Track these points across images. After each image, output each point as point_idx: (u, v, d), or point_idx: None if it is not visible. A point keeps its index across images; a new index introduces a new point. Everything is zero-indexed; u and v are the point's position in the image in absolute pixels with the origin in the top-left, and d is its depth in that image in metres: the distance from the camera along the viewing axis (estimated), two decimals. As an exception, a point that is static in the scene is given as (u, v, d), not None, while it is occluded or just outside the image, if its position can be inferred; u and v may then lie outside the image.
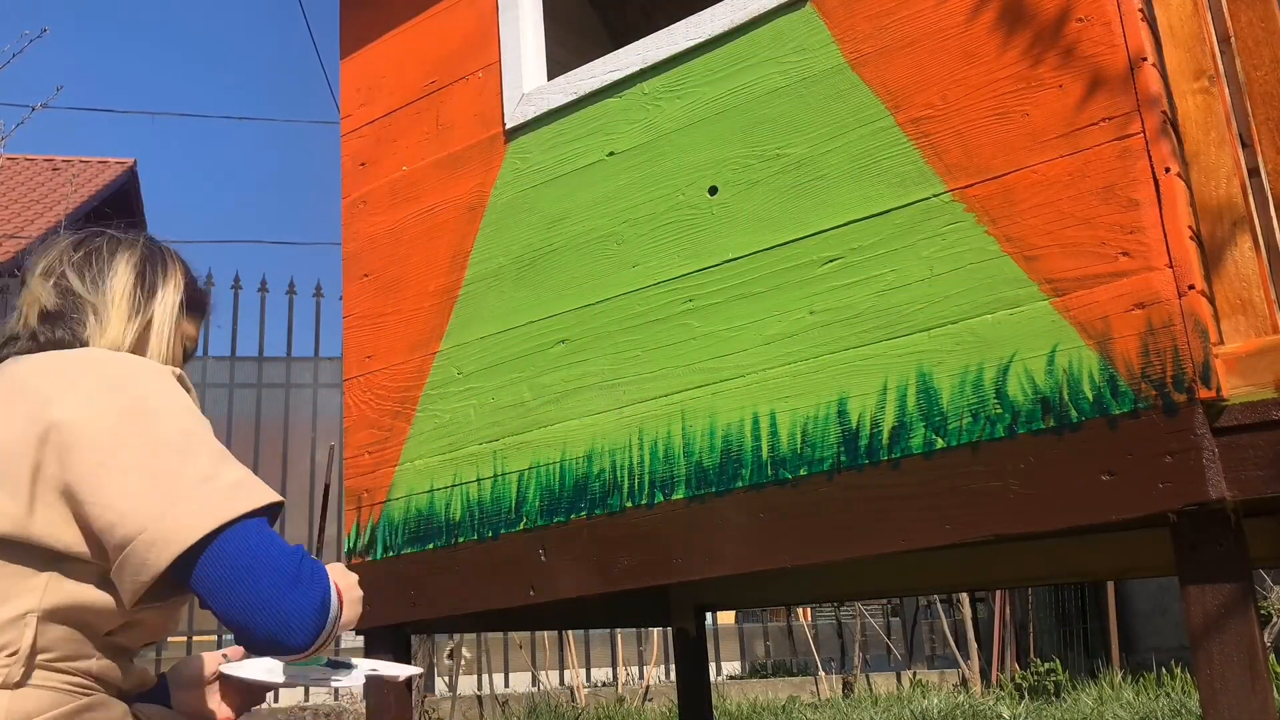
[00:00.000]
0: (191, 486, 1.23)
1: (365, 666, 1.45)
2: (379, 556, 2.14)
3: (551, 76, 2.15)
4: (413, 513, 2.10)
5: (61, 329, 1.37)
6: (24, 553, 1.19)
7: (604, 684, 8.39)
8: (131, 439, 1.23)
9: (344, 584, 1.36)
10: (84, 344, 1.37)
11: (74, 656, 1.21)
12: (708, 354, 1.81)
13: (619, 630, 8.30)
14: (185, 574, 1.21)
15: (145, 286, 1.45)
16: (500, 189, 2.13)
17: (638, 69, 1.99)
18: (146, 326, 1.42)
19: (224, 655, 1.45)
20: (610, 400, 1.90)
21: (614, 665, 8.80)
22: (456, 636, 6.93)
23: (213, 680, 1.45)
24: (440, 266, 2.18)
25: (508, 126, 2.14)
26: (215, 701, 1.45)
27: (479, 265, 2.13)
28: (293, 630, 1.23)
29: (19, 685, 1.15)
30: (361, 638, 2.17)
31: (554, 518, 1.91)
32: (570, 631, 7.71)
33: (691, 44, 1.93)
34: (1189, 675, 6.14)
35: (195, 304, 1.53)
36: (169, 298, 1.46)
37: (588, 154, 2.03)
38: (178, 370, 1.36)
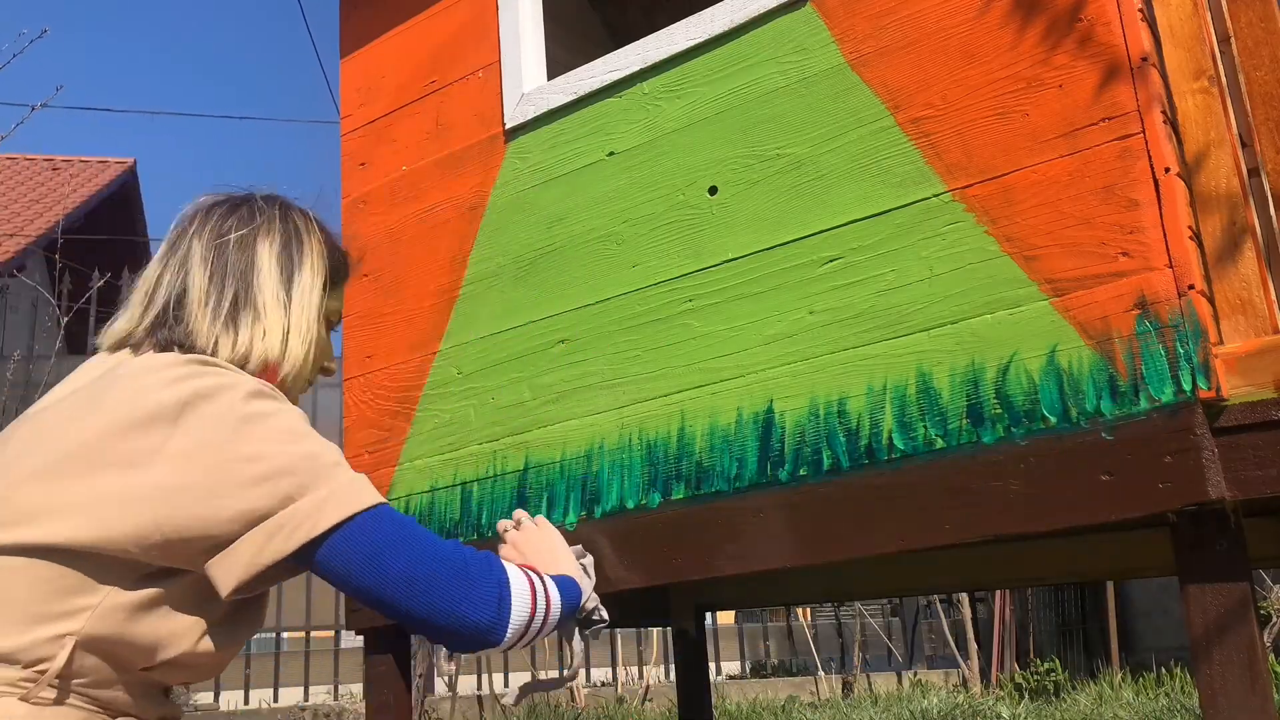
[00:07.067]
0: (332, 469, 1.19)
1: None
2: (379, 556, 2.13)
3: (551, 76, 2.15)
4: (413, 512, 2.10)
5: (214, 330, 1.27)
6: (87, 563, 1.11)
7: (604, 684, 8.39)
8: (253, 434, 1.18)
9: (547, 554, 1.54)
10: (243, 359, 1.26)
11: (100, 685, 1.14)
12: (708, 354, 1.80)
13: (619, 630, 8.31)
14: (323, 556, 1.17)
15: (285, 276, 1.31)
16: (500, 189, 2.13)
17: (638, 69, 1.99)
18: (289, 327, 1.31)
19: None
20: (610, 400, 1.90)
21: (614, 665, 8.80)
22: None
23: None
24: (440, 266, 2.18)
25: (507, 126, 2.14)
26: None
27: (479, 265, 2.13)
28: (489, 627, 1.24)
29: (37, 703, 1.09)
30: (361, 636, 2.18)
31: (553, 518, 1.91)
32: (570, 631, 7.69)
33: (691, 44, 1.93)
34: (1189, 675, 6.14)
35: (338, 276, 1.40)
36: (307, 286, 1.33)
37: (587, 154, 2.03)
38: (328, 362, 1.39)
